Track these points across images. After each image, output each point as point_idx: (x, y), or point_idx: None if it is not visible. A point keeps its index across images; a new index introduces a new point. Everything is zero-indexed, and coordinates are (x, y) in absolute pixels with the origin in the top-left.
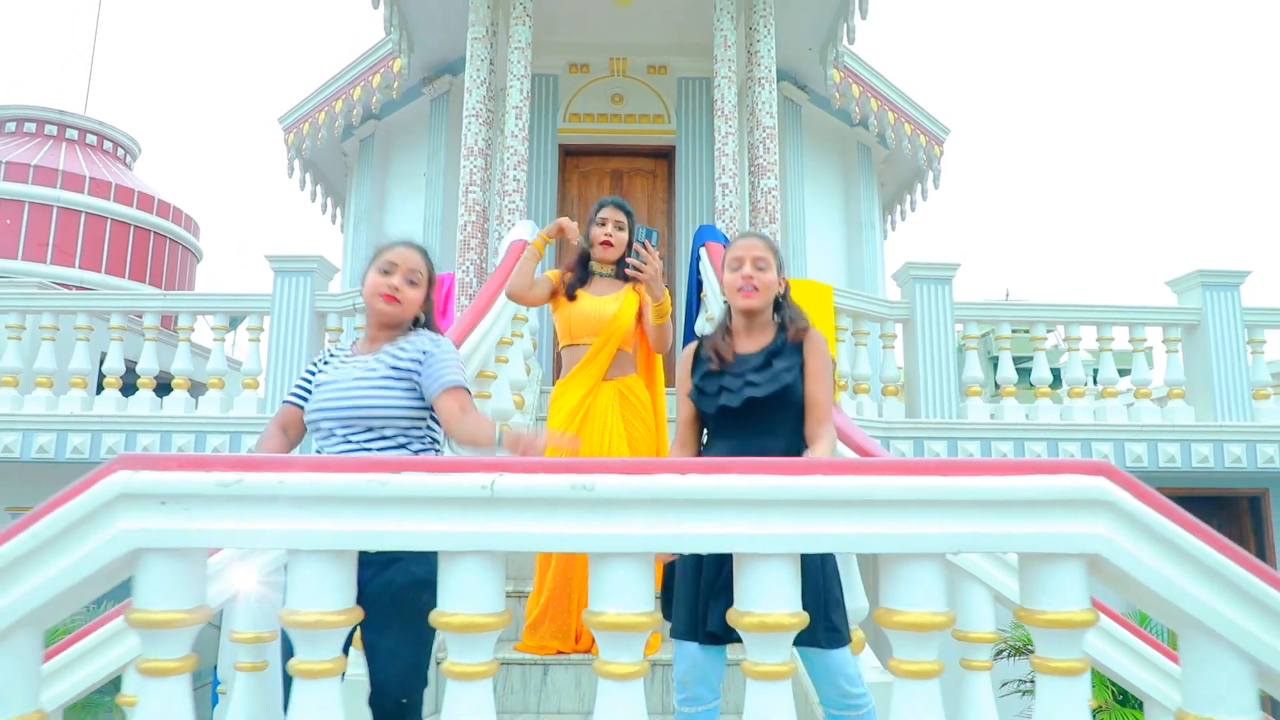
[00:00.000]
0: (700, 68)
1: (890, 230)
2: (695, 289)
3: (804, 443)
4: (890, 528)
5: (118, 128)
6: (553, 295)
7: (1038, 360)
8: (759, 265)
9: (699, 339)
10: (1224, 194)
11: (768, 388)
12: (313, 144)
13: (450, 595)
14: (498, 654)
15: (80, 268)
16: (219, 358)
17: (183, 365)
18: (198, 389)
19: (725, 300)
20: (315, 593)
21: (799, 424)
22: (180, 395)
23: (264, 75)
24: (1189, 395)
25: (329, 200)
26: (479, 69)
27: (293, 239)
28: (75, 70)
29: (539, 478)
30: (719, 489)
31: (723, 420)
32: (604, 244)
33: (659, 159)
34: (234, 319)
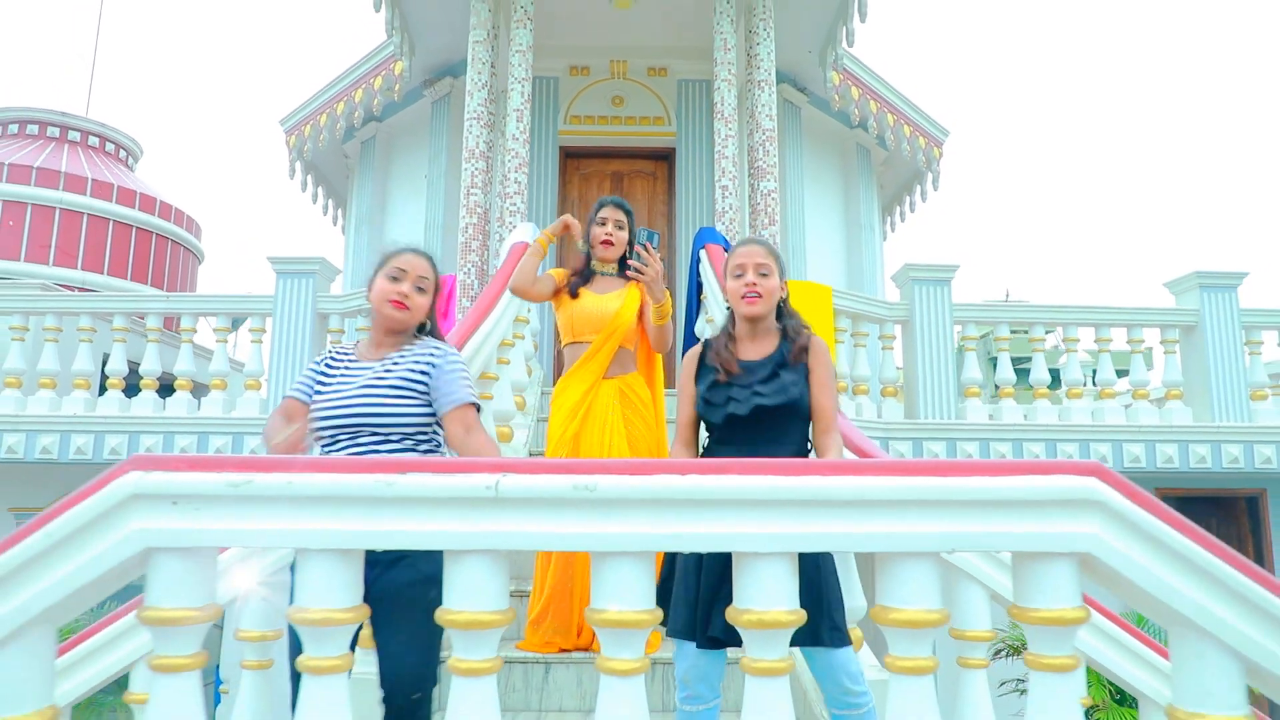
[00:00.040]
0: (700, 70)
1: (890, 232)
2: (695, 291)
3: (808, 450)
4: (886, 527)
5: (119, 129)
6: (555, 293)
7: (1036, 361)
8: (761, 272)
9: (704, 343)
10: (1222, 196)
11: (776, 399)
12: (314, 146)
13: (455, 593)
14: (500, 652)
15: (82, 269)
16: (221, 359)
17: (185, 366)
18: (200, 390)
19: (728, 306)
20: (323, 591)
21: (805, 432)
22: (183, 396)
23: (265, 77)
24: (1187, 396)
25: (330, 202)
26: (480, 72)
27: (294, 241)
28: (76, 70)
29: (542, 478)
30: (719, 489)
31: (729, 428)
32: (605, 243)
33: (659, 161)
34: (236, 320)
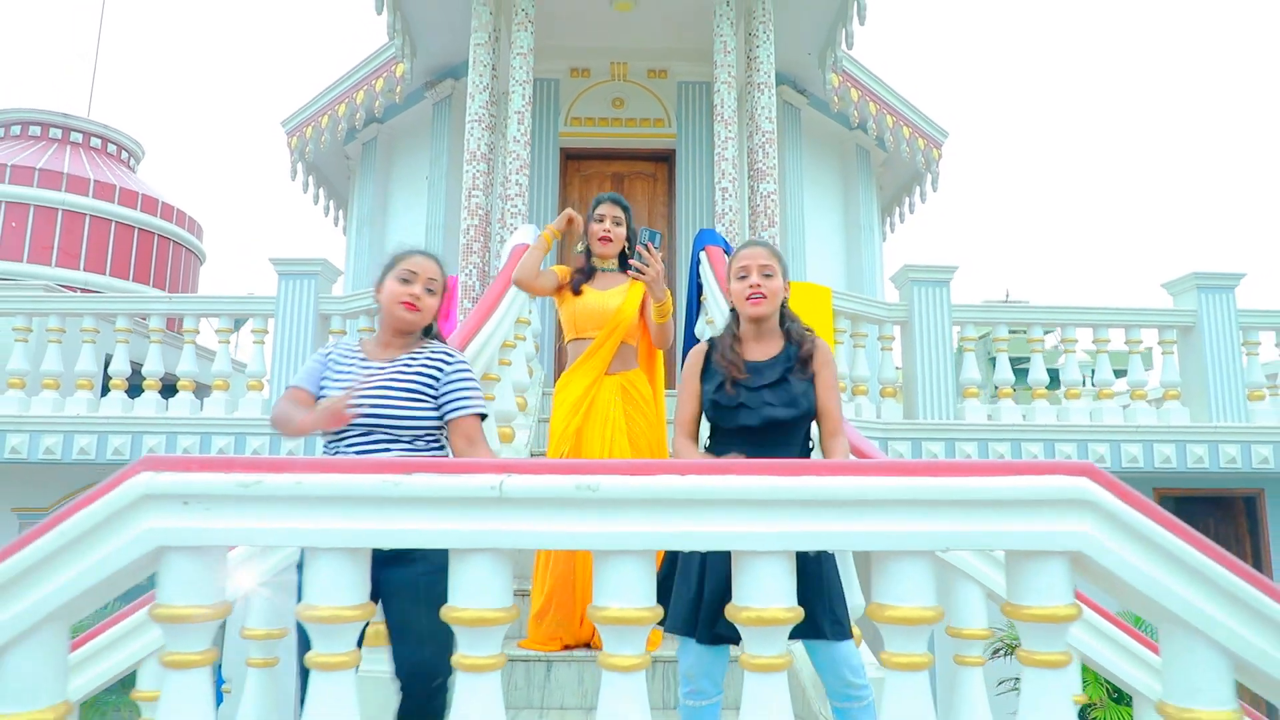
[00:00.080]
0: (700, 72)
1: (889, 232)
2: (695, 292)
3: (810, 448)
4: (882, 526)
5: (121, 131)
6: (558, 289)
7: (1034, 362)
8: (765, 273)
9: (709, 341)
10: (1220, 197)
11: (788, 412)
12: (316, 147)
13: (460, 591)
14: (502, 650)
15: (85, 270)
16: (224, 359)
17: (188, 367)
18: (202, 390)
19: (731, 307)
20: (331, 589)
21: (808, 432)
22: (185, 397)
23: (267, 79)
24: (1184, 396)
25: (331, 203)
26: (481, 75)
27: (295, 242)
28: (76, 70)
29: (546, 478)
30: (719, 489)
31: (738, 431)
32: (603, 240)
33: (659, 162)
34: (238, 321)
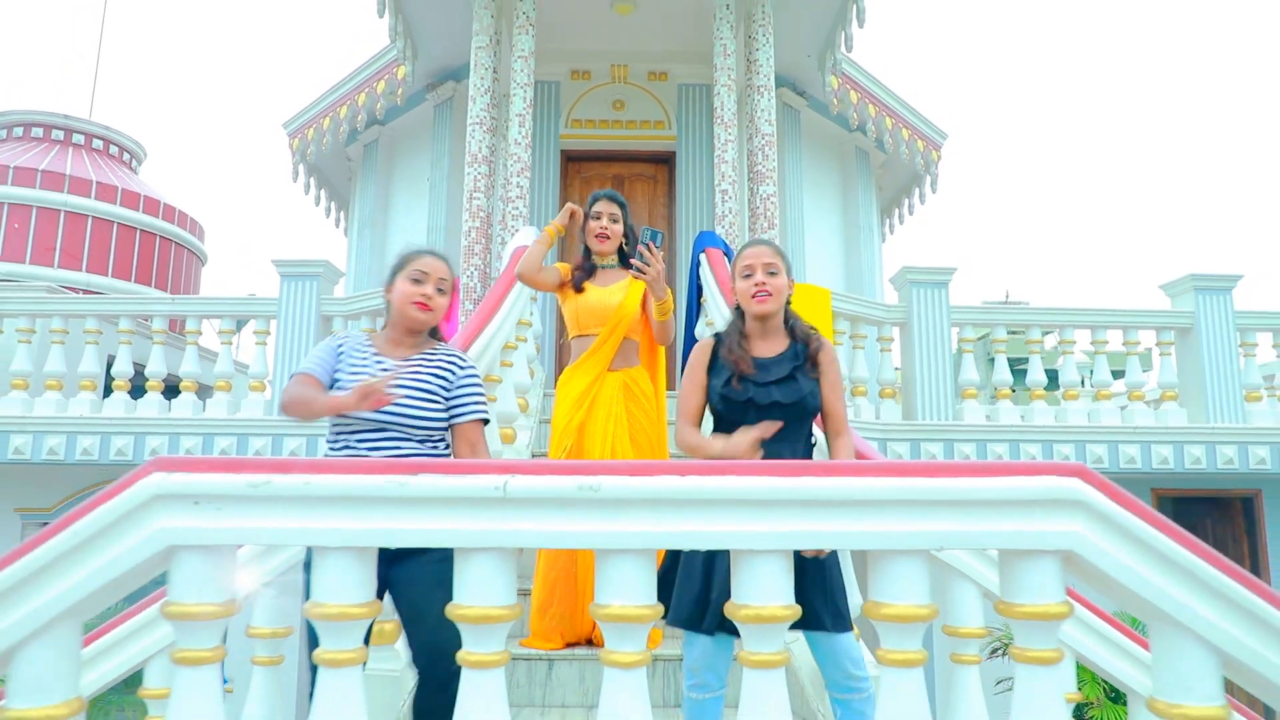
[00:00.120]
0: (700, 74)
1: (888, 234)
2: (695, 294)
3: (812, 444)
4: (878, 526)
5: (123, 132)
6: (560, 286)
7: (1033, 363)
8: (770, 271)
9: (715, 336)
10: (1218, 198)
11: (795, 408)
12: (317, 149)
13: (465, 590)
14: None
15: (87, 271)
16: (226, 360)
17: (190, 368)
18: (204, 391)
19: (737, 305)
20: (339, 587)
21: (810, 428)
22: (188, 398)
23: (269, 81)
24: (1182, 397)
25: (333, 204)
26: (483, 78)
27: (296, 243)
28: (76, 70)
29: (549, 479)
30: (718, 489)
31: (746, 425)
32: (600, 237)
33: (660, 164)
34: (240, 322)
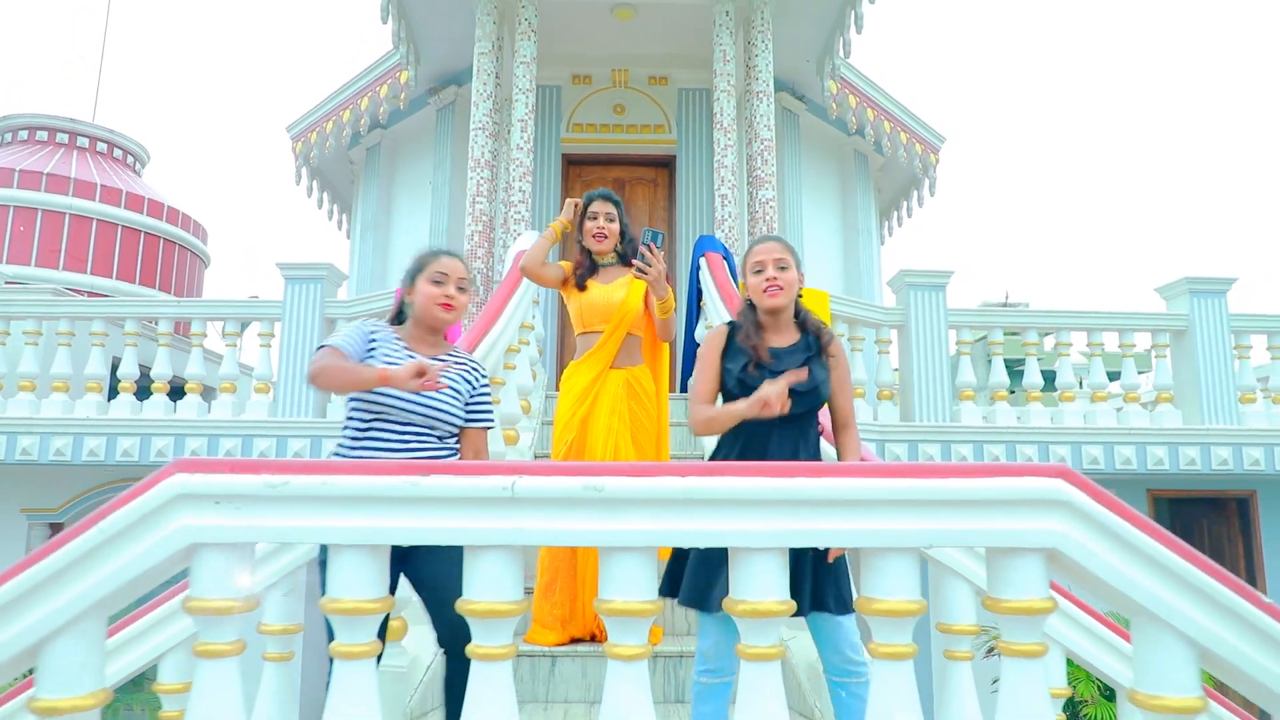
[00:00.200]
0: (700, 78)
1: (887, 236)
2: (695, 298)
3: (818, 432)
4: (870, 525)
5: (127, 135)
6: (564, 283)
7: (1029, 365)
8: (780, 265)
9: (729, 324)
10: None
11: (809, 396)
12: (320, 152)
13: (475, 585)
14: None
15: (91, 274)
16: (231, 363)
17: (196, 370)
18: (209, 393)
19: (748, 299)
20: (354, 583)
21: (817, 415)
22: (193, 399)
23: (272, 85)
24: (1177, 399)
25: (335, 207)
26: (485, 83)
27: (298, 245)
28: (76, 70)
29: (554, 479)
30: (716, 490)
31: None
32: (597, 237)
33: (660, 168)
34: (245, 324)
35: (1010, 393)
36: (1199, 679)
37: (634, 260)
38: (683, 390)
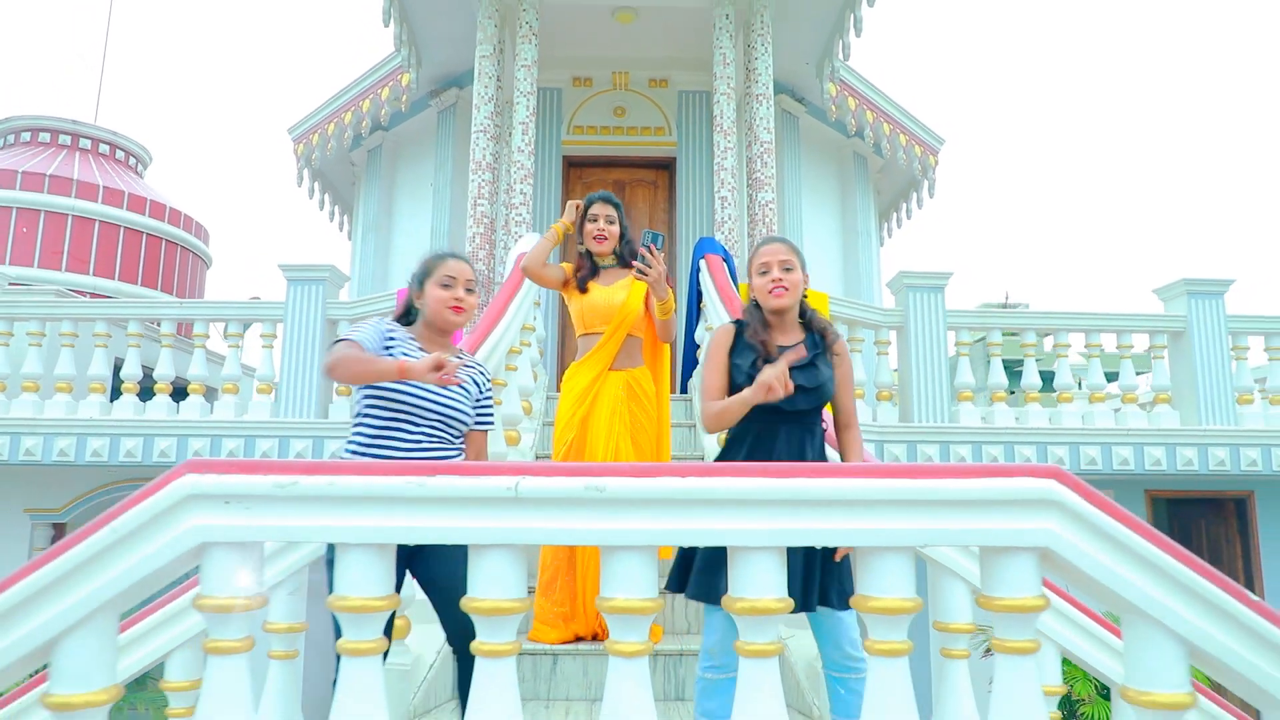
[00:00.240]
0: (700, 81)
1: (886, 238)
2: (695, 300)
3: (822, 426)
4: (866, 524)
5: (129, 137)
6: (564, 284)
7: (1028, 366)
8: (785, 267)
9: (735, 323)
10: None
11: (815, 393)
12: (322, 154)
13: (479, 584)
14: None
15: (94, 275)
16: (233, 364)
17: (198, 371)
18: (211, 394)
19: (753, 299)
20: (361, 581)
21: (822, 414)
22: (196, 400)
23: (274, 86)
24: (1175, 400)
25: (336, 209)
26: (486, 86)
27: (300, 247)
28: (76, 70)
29: (557, 480)
30: (715, 490)
31: (769, 408)
32: (598, 239)
33: (660, 170)
34: (247, 325)
35: (1009, 394)
36: (1188, 675)
37: (634, 262)
38: (683, 391)
